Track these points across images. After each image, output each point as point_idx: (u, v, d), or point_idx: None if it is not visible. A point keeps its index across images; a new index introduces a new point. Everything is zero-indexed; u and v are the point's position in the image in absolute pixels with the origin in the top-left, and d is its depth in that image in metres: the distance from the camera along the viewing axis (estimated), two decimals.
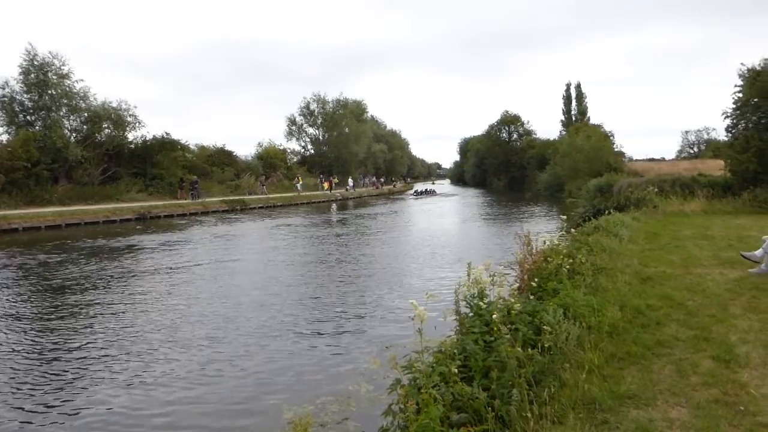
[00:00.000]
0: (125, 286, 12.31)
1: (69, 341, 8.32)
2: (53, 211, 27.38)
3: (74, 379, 6.85)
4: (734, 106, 19.02)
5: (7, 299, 11.13)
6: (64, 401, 6.19)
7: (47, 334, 8.73)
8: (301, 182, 51.58)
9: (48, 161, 32.88)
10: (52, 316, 9.78)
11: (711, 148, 55.63)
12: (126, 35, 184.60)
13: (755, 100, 18.15)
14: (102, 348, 7.99)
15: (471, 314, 5.21)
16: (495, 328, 4.51)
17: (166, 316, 9.72)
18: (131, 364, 7.31)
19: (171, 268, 14.48)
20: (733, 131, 19.66)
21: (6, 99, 35.01)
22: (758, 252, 8.02)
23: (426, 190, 67.21)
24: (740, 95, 18.71)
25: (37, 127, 35.12)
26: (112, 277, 13.36)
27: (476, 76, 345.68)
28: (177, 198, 37.36)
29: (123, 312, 10.01)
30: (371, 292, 11.42)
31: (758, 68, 18.35)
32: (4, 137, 34.89)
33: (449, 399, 3.72)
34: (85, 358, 7.60)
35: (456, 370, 3.90)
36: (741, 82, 18.68)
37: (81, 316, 9.75)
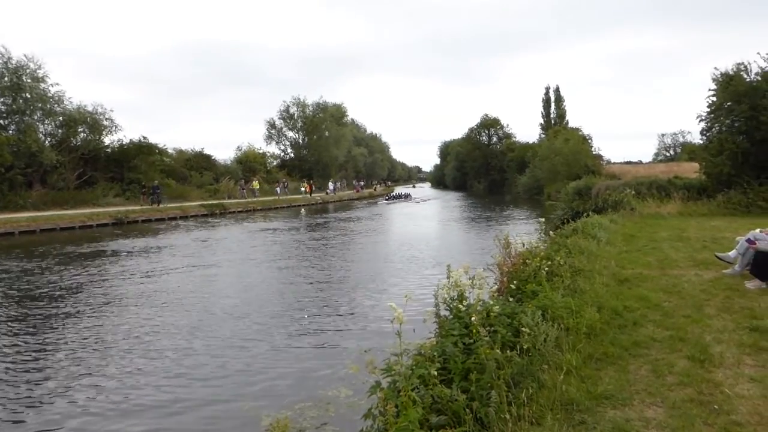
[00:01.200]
0: (99, 293, 12.12)
1: (39, 351, 8.16)
2: (27, 217, 26.91)
3: (44, 388, 6.71)
4: (708, 109, 19.34)
5: None
6: (33, 413, 6.06)
7: (13, 344, 8.54)
8: (257, 187, 48.40)
9: (22, 166, 32.30)
10: (21, 325, 9.56)
11: (686, 151, 56.52)
12: (100, 39, 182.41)
13: (728, 103, 18.47)
14: (72, 358, 7.83)
15: (450, 317, 5.21)
16: (474, 331, 4.51)
17: (140, 323, 9.57)
18: (104, 374, 7.18)
19: (147, 275, 14.29)
20: (708, 134, 19.98)
21: None
22: (732, 253, 8.15)
23: (401, 194, 64.67)
24: (714, 99, 19.03)
25: (10, 131, 34.44)
26: (87, 284, 13.15)
27: (455, 80, 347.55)
28: (141, 204, 35.63)
29: (95, 320, 9.84)
30: (349, 296, 11.38)
31: (731, 73, 18.68)
32: None
33: (428, 401, 3.71)
34: (54, 368, 7.45)
35: (435, 373, 3.89)
36: (715, 86, 19.01)
37: (51, 325, 9.55)
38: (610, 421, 3.58)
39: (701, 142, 21.83)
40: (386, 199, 59.75)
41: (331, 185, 62.44)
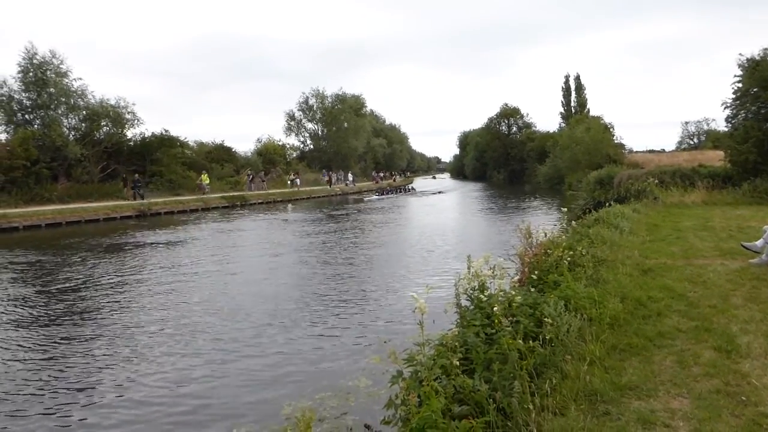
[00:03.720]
0: (124, 283, 12.31)
1: (66, 342, 8.32)
2: (53, 210, 27.39)
3: (73, 380, 6.85)
4: (734, 96, 18.95)
5: (2, 300, 11.10)
6: (60, 403, 6.18)
7: (39, 338, 8.70)
8: (207, 182, 41.21)
9: (47, 160, 32.82)
10: (46, 319, 9.74)
11: (711, 139, 55.45)
12: (116, 34, 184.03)
13: (755, 90, 18.07)
14: (97, 347, 7.99)
15: (472, 307, 5.19)
16: (496, 321, 4.49)
17: (164, 313, 9.72)
18: (128, 362, 7.31)
19: (170, 266, 14.48)
20: (733, 121, 19.59)
21: (4, 98, 34.93)
22: (759, 242, 8.00)
23: (399, 187, 58.34)
24: (740, 85, 18.63)
25: (35, 126, 35.07)
26: (111, 275, 13.37)
27: (474, 70, 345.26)
28: (126, 198, 34.35)
29: (119, 309, 10.02)
30: (369, 287, 11.41)
31: (757, 58, 18.26)
32: (3, 136, 34.94)
33: (451, 391, 3.70)
34: (79, 358, 7.60)
35: (457, 363, 3.88)
36: (740, 72, 18.60)
37: (81, 317, 9.75)
38: (635, 412, 3.54)
39: (726, 129, 21.42)
40: (376, 194, 48.14)
41: (350, 176, 62.26)
